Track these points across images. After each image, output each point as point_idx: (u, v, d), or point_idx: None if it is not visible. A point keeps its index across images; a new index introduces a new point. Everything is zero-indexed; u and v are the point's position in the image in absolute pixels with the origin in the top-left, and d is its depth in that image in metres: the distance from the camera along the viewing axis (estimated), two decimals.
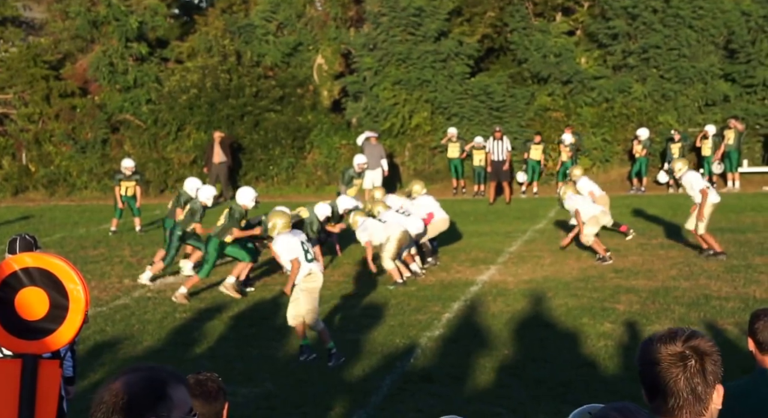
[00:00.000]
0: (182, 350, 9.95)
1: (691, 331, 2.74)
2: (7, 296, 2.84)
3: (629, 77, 26.28)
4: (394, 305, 11.77)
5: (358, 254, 15.88)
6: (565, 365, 8.95)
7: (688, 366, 2.66)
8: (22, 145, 27.60)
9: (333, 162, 26.74)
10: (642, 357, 2.75)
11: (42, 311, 2.85)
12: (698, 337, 2.72)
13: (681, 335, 2.72)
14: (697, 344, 2.70)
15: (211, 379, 3.76)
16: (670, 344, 2.70)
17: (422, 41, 26.45)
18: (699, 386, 2.66)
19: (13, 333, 2.86)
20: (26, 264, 2.85)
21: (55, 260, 2.86)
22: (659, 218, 18.94)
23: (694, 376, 2.66)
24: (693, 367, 2.66)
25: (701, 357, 2.68)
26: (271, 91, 27.27)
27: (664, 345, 2.70)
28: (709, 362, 2.69)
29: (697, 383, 2.66)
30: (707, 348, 2.70)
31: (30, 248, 6.55)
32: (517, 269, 14.10)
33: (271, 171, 26.84)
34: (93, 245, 17.51)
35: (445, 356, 9.48)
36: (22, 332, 2.86)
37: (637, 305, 11.43)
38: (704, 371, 2.68)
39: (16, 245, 6.63)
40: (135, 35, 27.99)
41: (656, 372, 2.68)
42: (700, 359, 2.68)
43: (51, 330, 2.86)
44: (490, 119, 26.21)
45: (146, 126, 27.27)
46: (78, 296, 2.84)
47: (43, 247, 7.08)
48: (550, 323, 10.70)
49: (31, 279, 2.85)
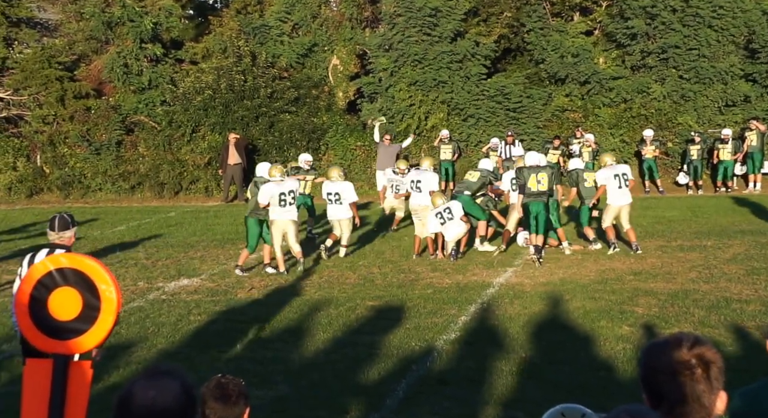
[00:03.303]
0: (197, 353, 10.05)
1: (695, 337, 2.77)
2: (41, 296, 2.90)
3: (648, 78, 26.27)
4: (409, 308, 11.84)
5: (373, 256, 15.97)
6: (582, 368, 9.00)
7: (694, 374, 2.70)
8: (36, 147, 27.79)
9: (348, 163, 26.81)
10: (646, 364, 2.78)
11: (75, 312, 2.90)
12: (703, 344, 2.75)
13: (686, 342, 2.75)
14: (703, 352, 2.73)
15: (233, 382, 3.80)
16: (676, 352, 2.73)
17: (438, 42, 26.52)
18: (704, 394, 2.70)
19: (46, 333, 2.93)
20: (61, 264, 2.91)
21: (88, 261, 2.92)
22: (679, 220, 18.94)
23: (699, 384, 2.70)
24: (699, 375, 2.70)
25: (707, 365, 2.72)
26: (286, 93, 27.40)
27: (670, 353, 2.73)
28: (713, 370, 2.73)
29: (702, 391, 2.70)
30: (712, 356, 2.74)
31: (67, 226, 7.11)
32: (534, 272, 14.15)
33: None
34: (107, 247, 17.64)
35: (461, 359, 9.54)
36: (54, 331, 2.92)
37: (656, 307, 11.46)
38: (709, 378, 2.71)
39: (55, 223, 7.10)
40: (149, 36, 28.17)
41: (661, 379, 2.72)
42: (705, 367, 2.71)
43: (83, 331, 2.92)
44: (506, 120, 26.25)
45: (161, 127, 27.43)
46: (110, 296, 2.90)
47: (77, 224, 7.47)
48: (567, 326, 10.74)
49: (65, 279, 2.89)
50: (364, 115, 27.34)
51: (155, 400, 2.55)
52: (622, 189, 15.52)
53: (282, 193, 14.46)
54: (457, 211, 15.21)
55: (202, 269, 15.16)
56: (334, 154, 27.06)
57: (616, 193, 15.49)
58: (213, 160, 26.70)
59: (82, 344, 2.96)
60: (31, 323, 2.93)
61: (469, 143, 26.27)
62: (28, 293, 2.89)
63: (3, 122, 28.17)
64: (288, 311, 11.89)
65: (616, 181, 15.46)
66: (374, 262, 15.49)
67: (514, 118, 26.25)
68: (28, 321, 2.92)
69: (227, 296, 13.02)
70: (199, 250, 17.16)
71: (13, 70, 28.25)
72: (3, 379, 8.96)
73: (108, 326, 2.97)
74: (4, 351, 10.13)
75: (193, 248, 17.46)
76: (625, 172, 15.68)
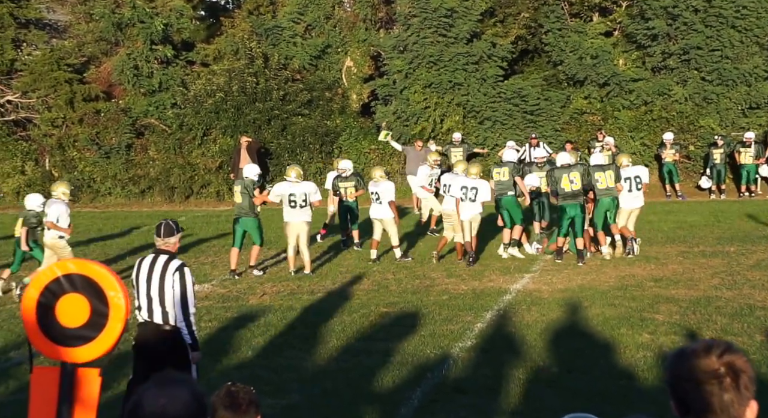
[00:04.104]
0: (208, 360, 10.04)
1: (726, 345, 2.74)
2: (48, 302, 2.90)
3: (669, 79, 26.18)
4: (424, 315, 11.83)
5: (387, 261, 15.97)
6: (602, 377, 8.96)
7: (724, 383, 2.67)
8: (45, 151, 27.95)
9: (362, 167, 26.81)
10: (674, 371, 2.74)
11: (82, 319, 2.90)
12: (733, 352, 2.72)
13: (716, 349, 2.72)
14: (733, 360, 2.70)
15: (244, 391, 3.80)
16: (704, 359, 2.70)
17: (454, 43, 26.51)
18: (734, 404, 2.67)
19: (53, 340, 2.93)
20: (69, 270, 2.91)
21: (96, 267, 2.92)
22: (701, 225, 18.86)
23: (728, 392, 2.67)
24: (728, 384, 2.67)
25: (737, 374, 2.69)
26: (298, 95, 27.45)
27: (699, 361, 2.70)
28: (743, 379, 2.70)
29: (731, 401, 2.67)
30: (742, 365, 2.71)
31: (172, 232, 7.50)
32: (552, 278, 14.11)
33: None
34: (117, 253, 17.70)
35: (477, 366, 9.52)
36: (62, 339, 2.92)
37: (677, 315, 11.41)
38: (738, 388, 2.68)
39: (161, 229, 7.52)
40: (160, 38, 28.29)
41: (690, 388, 2.69)
42: (735, 376, 2.68)
43: (90, 338, 2.91)
44: (523, 123, 26.21)
45: (171, 130, 27.53)
46: (118, 303, 2.90)
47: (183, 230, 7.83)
48: (586, 333, 10.71)
49: (73, 285, 2.89)
50: (378, 117, 27.35)
51: (165, 408, 2.55)
52: (633, 192, 15.54)
53: (292, 194, 14.80)
54: (482, 195, 15.25)
55: (213, 275, 15.19)
56: (348, 157, 27.02)
57: (626, 196, 15.54)
58: (224, 164, 26.77)
59: (90, 352, 2.96)
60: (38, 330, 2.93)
61: (486, 146, 26.23)
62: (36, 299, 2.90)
63: (11, 125, 28.33)
64: (300, 318, 11.89)
65: (627, 184, 15.49)
66: (388, 267, 15.48)
67: (532, 121, 26.20)
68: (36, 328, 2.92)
69: (238, 303, 13.04)
70: (210, 255, 17.20)
71: (21, 72, 28.44)
72: (11, 387, 8.99)
73: (116, 333, 2.96)
74: (12, 358, 10.16)
75: (203, 253, 17.50)
76: (638, 175, 15.68)
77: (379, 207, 16.12)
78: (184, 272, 7.32)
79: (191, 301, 7.29)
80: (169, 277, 7.27)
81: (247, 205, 15.02)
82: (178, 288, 7.24)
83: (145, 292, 7.34)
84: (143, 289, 7.35)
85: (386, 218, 16.06)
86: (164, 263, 7.33)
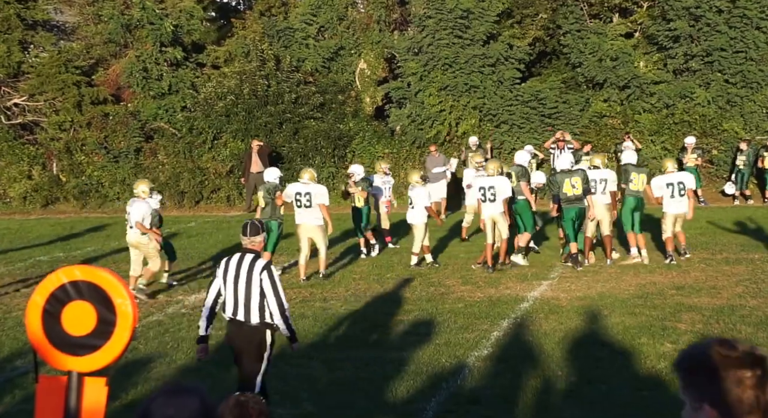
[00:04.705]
0: (218, 369, 10.05)
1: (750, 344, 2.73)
2: (54, 310, 2.91)
3: (691, 82, 26.11)
4: (440, 323, 11.81)
5: (400, 268, 15.96)
6: (622, 388, 8.93)
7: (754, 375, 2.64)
8: (52, 155, 28.05)
9: (376, 172, 26.81)
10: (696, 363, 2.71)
11: (89, 327, 2.91)
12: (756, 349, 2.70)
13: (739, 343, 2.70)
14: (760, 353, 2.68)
15: (253, 401, 3.81)
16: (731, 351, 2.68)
17: (470, 45, 26.51)
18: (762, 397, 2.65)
19: (59, 348, 2.94)
20: (75, 277, 2.91)
21: (103, 273, 2.92)
22: (724, 232, 18.78)
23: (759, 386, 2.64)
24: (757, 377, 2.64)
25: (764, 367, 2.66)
26: (311, 98, 27.49)
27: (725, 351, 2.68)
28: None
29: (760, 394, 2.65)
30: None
31: (257, 231, 7.89)
32: (570, 285, 14.08)
33: None
34: (125, 259, 17.72)
35: (494, 376, 9.50)
36: (68, 347, 2.93)
37: (699, 324, 11.36)
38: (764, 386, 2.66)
39: (247, 228, 7.91)
40: (170, 39, 28.37)
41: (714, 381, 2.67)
42: (763, 369, 2.66)
43: (97, 346, 2.92)
44: (541, 127, 26.18)
45: (181, 134, 27.60)
46: (126, 310, 2.91)
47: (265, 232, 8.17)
48: (605, 343, 10.67)
49: (80, 293, 2.90)
50: (392, 121, 27.37)
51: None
52: (676, 198, 15.62)
53: (298, 194, 15.16)
54: (501, 191, 15.28)
55: None
56: (361, 162, 27.04)
57: (670, 202, 15.64)
58: (235, 168, 26.82)
59: (97, 361, 2.96)
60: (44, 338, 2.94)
61: (503, 151, 26.19)
62: (41, 306, 2.90)
63: (18, 129, 28.46)
64: (313, 326, 11.88)
65: (670, 189, 15.59)
66: (403, 274, 15.47)
67: (550, 124, 26.16)
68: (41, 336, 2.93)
69: None
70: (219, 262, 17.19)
71: (28, 74, 28.55)
72: (17, 396, 9.02)
73: (124, 342, 2.97)
74: (18, 367, 10.20)
75: (214, 259, 17.51)
76: (681, 180, 15.77)
77: (411, 212, 16.30)
78: (271, 270, 7.70)
79: (283, 296, 7.68)
80: (256, 276, 7.64)
81: (269, 210, 15.45)
82: (269, 287, 7.62)
83: (232, 290, 7.72)
84: (230, 287, 7.73)
85: (417, 223, 16.14)
86: (251, 262, 7.72)
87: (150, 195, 14.66)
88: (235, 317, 7.74)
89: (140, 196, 14.44)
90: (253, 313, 7.67)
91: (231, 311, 7.77)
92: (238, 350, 7.85)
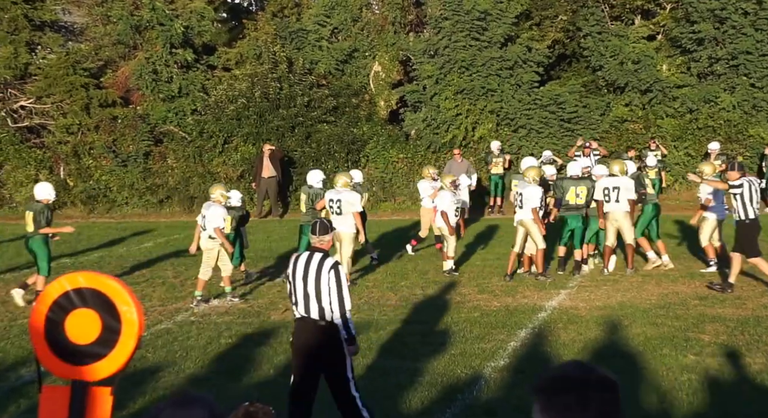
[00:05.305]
0: (228, 379, 10.06)
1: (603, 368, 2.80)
2: (57, 318, 2.89)
3: (716, 86, 26.02)
4: (455, 333, 11.78)
5: (416, 276, 15.93)
6: (643, 401, 8.88)
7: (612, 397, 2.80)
8: (59, 159, 28.16)
9: (390, 177, 26.86)
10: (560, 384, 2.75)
11: (93, 335, 2.89)
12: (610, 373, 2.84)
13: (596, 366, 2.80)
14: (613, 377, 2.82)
15: (263, 411, 3.81)
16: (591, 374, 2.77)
17: (487, 47, 26.49)
18: None
19: (62, 358, 2.92)
20: (79, 284, 2.89)
21: (108, 280, 2.91)
22: None
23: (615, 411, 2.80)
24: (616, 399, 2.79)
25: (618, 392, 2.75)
26: (324, 101, 27.52)
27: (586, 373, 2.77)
28: None
29: None
30: None
31: (326, 230, 8.08)
32: (590, 294, 14.02)
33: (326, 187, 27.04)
34: (133, 265, 17.78)
35: (510, 388, 9.46)
36: (72, 356, 2.90)
37: (724, 335, 11.29)
38: None
39: (316, 227, 8.11)
40: (180, 41, 28.46)
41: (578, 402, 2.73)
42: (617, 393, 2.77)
43: (102, 355, 2.90)
44: (560, 132, 26.13)
45: (191, 138, 27.67)
46: (131, 318, 2.88)
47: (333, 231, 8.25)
48: (626, 354, 10.62)
49: (83, 300, 2.88)
50: (407, 125, 27.36)
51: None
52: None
53: (331, 200, 15.29)
54: (528, 200, 15.24)
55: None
56: (375, 166, 27.11)
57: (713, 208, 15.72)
58: (246, 172, 26.86)
59: (101, 370, 2.94)
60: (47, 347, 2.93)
61: (520, 156, 26.13)
62: (44, 314, 2.89)
63: (25, 132, 28.58)
64: None
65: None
66: (417, 282, 15.45)
67: (569, 129, 26.11)
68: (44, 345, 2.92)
69: (260, 318, 13.05)
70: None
71: (35, 76, 28.67)
72: (22, 406, 9.03)
73: (129, 350, 2.95)
74: (22, 376, 10.22)
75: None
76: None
77: (438, 217, 16.41)
78: (338, 269, 7.90)
79: (347, 297, 7.87)
80: (325, 274, 7.83)
81: (309, 214, 15.84)
82: (335, 285, 7.82)
83: (302, 289, 7.90)
84: (300, 286, 7.92)
85: (442, 227, 16.23)
86: (320, 261, 7.90)
87: (228, 198, 14.69)
88: (308, 315, 7.93)
89: (218, 200, 14.47)
90: (325, 311, 7.87)
91: (303, 309, 7.96)
92: (308, 348, 7.97)
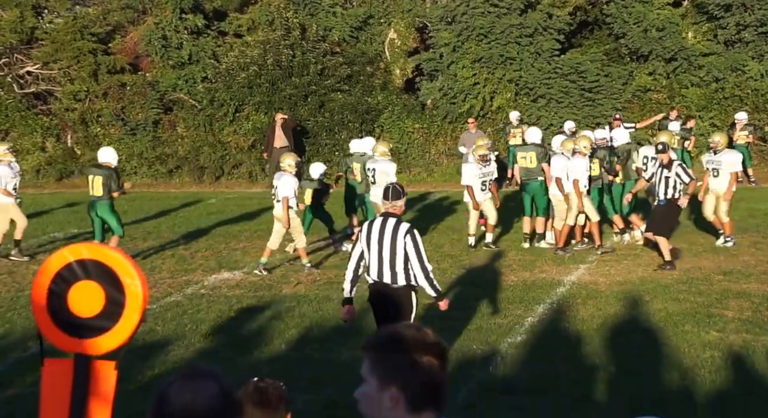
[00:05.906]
0: (238, 353, 10.10)
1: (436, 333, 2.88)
2: (60, 290, 2.89)
3: (744, 54, 25.82)
4: (471, 308, 11.79)
5: (430, 249, 15.91)
6: (664, 378, 8.87)
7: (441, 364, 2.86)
8: (67, 126, 28.21)
9: (405, 148, 26.81)
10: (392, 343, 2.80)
11: (97, 308, 2.89)
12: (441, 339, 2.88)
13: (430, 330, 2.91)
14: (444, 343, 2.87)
15: (273, 386, 3.84)
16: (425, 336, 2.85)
17: (506, 14, 26.33)
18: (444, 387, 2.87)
19: (65, 331, 2.93)
20: (82, 256, 2.89)
21: (112, 252, 2.90)
22: None
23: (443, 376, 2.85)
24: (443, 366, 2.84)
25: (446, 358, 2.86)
26: (337, 69, 27.44)
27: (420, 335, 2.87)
28: None
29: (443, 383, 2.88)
30: None
31: (399, 196, 8.21)
32: (610, 269, 13.99)
33: (336, 157, 26.97)
34: (143, 237, 17.84)
35: (527, 364, 9.47)
36: (75, 329, 2.91)
37: (748, 311, 11.26)
38: None
39: (388, 192, 8.25)
40: (190, 6, 28.39)
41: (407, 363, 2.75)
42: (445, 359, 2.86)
43: (106, 328, 2.91)
44: (581, 101, 26.01)
45: (201, 106, 27.66)
46: (135, 291, 2.88)
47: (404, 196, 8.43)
48: (647, 330, 10.61)
49: (86, 272, 2.88)
50: (423, 94, 27.28)
51: (192, 403, 2.56)
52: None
53: (367, 169, 15.64)
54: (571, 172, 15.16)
55: (244, 262, 15.25)
56: (390, 137, 27.04)
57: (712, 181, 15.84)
58: (258, 142, 26.86)
59: (105, 343, 2.95)
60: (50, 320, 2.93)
61: (540, 127, 26.02)
62: (46, 286, 2.89)
63: (31, 98, 28.61)
64: (337, 308, 11.87)
65: None
66: (432, 256, 15.37)
67: (590, 98, 25.98)
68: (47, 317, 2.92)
69: (271, 292, 13.08)
70: (241, 241, 17.27)
71: (42, 41, 28.67)
72: (28, 379, 9.08)
73: (133, 324, 2.95)
74: (30, 348, 10.28)
75: (235, 238, 17.57)
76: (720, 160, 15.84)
77: None
78: (414, 233, 8.17)
79: (426, 259, 8.22)
80: (401, 239, 8.10)
81: (365, 185, 16.10)
82: (413, 250, 8.12)
83: (377, 254, 8.20)
84: (374, 250, 8.21)
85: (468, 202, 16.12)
86: (394, 226, 8.16)
87: (296, 168, 14.72)
88: (381, 280, 8.19)
89: (287, 170, 14.51)
90: (399, 275, 8.17)
91: (376, 274, 8.25)
92: (383, 312, 8.29)
